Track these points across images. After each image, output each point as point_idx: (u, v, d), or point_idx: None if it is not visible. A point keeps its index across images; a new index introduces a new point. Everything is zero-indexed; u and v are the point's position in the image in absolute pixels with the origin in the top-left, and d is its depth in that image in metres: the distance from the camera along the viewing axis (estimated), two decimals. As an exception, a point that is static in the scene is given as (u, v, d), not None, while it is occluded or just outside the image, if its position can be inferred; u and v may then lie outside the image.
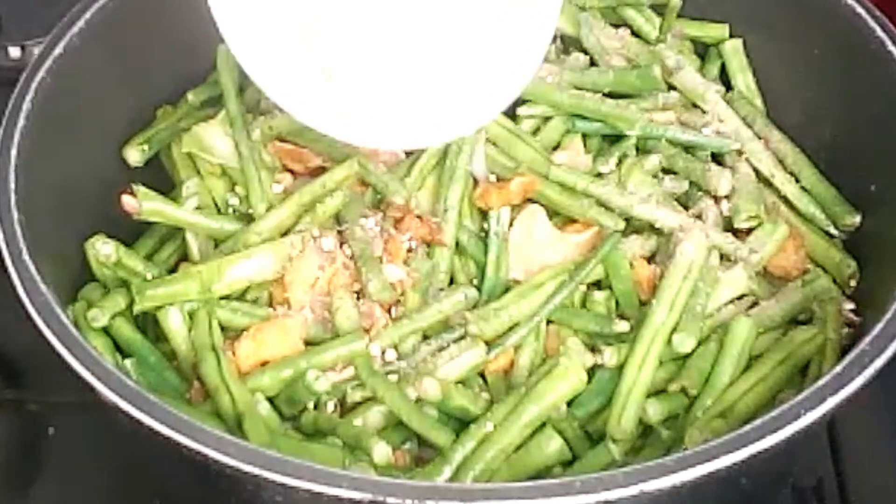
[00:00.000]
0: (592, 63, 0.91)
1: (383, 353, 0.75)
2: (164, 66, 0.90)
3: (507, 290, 0.78)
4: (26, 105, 0.76)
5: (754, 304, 0.79)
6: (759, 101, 0.92)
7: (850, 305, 0.78)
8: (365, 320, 0.75)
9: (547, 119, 0.87)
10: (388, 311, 0.77)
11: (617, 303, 0.79)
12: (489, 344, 0.75)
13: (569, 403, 0.73)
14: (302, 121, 0.76)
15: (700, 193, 0.83)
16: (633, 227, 0.81)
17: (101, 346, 0.74)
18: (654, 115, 0.86)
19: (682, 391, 0.74)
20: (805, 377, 0.75)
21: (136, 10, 0.86)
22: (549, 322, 0.77)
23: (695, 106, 0.88)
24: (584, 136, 0.87)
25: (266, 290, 0.78)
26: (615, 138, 0.85)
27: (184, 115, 0.88)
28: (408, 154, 0.84)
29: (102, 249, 0.76)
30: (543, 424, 0.71)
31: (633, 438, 0.72)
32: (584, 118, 0.87)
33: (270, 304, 0.78)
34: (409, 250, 0.80)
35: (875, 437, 0.86)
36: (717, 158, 0.86)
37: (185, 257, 0.82)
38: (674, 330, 0.74)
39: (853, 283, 0.80)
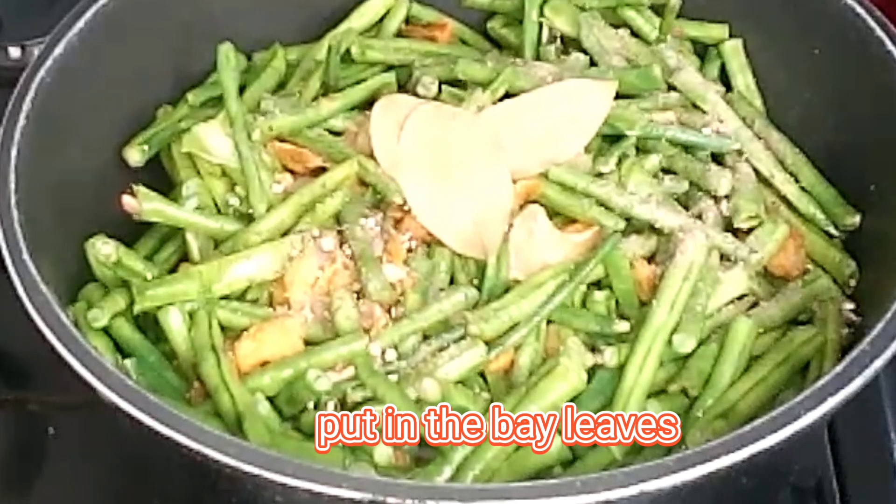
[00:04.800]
0: (592, 63, 0.91)
1: (383, 353, 0.74)
2: (164, 66, 0.90)
3: (507, 290, 0.78)
4: (26, 105, 0.76)
5: (754, 304, 0.79)
6: (758, 102, 0.92)
7: (850, 305, 0.78)
8: (365, 320, 0.75)
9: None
10: (388, 311, 0.77)
11: (617, 303, 0.79)
12: (489, 344, 0.75)
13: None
14: None
15: (700, 193, 0.83)
16: (633, 227, 0.81)
17: (101, 346, 0.74)
18: (654, 115, 0.86)
19: (682, 391, 0.74)
20: (805, 377, 0.75)
21: (136, 10, 0.86)
22: (549, 322, 0.77)
23: (695, 106, 0.88)
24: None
25: (266, 290, 0.78)
26: (615, 138, 0.85)
27: (184, 115, 0.88)
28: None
29: (102, 249, 0.76)
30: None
31: (633, 438, 0.72)
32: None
33: (270, 304, 0.78)
34: (409, 250, 0.80)
35: (875, 437, 0.86)
36: (717, 158, 0.86)
37: (185, 257, 0.82)
38: (674, 330, 0.74)
39: (853, 283, 0.80)
